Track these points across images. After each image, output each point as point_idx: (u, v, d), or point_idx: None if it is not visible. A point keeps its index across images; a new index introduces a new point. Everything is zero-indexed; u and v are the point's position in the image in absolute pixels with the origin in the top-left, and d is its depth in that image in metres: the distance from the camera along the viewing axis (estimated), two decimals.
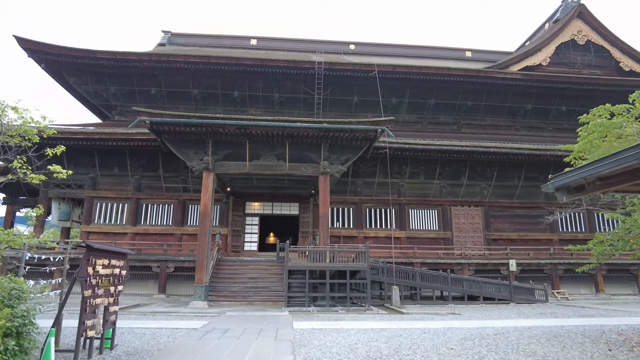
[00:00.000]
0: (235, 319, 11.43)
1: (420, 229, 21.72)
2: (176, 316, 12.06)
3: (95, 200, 20.79)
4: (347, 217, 21.51)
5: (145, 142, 18.66)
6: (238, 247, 20.57)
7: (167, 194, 20.90)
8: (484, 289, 18.01)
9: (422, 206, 21.99)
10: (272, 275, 17.24)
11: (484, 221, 22.20)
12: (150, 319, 11.28)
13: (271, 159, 16.48)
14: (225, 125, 14.58)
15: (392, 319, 12.05)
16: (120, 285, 6.86)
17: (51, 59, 21.73)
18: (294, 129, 14.73)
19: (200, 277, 15.17)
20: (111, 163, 21.05)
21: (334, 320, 11.25)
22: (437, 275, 17.96)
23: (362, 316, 12.51)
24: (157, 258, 18.30)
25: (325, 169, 16.19)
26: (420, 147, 19.22)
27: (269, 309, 14.26)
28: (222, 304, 15.43)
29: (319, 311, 13.51)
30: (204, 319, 11.48)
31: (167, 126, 14.87)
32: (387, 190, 21.73)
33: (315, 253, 15.06)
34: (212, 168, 16.00)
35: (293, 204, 21.74)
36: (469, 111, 25.50)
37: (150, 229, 20.46)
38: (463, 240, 21.76)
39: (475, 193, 22.55)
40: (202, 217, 15.82)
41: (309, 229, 20.78)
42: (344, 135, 15.20)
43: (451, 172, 22.28)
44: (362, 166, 21.56)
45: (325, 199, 16.15)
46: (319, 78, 22.03)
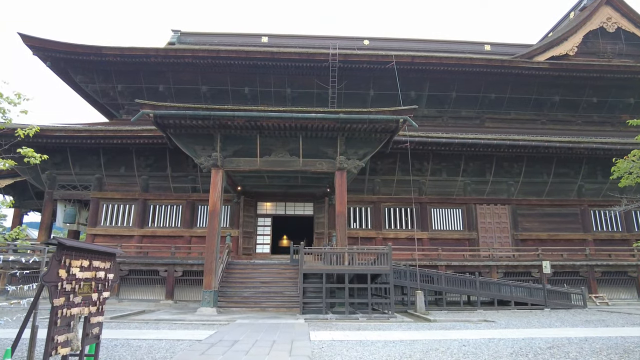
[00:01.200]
0: (246, 328, 10.29)
1: (443, 229, 20.35)
2: (181, 325, 10.97)
3: (101, 202, 19.95)
4: (364, 217, 20.27)
5: (152, 139, 17.76)
6: (250, 249, 19.48)
7: (176, 195, 19.95)
8: (515, 293, 16.56)
9: (445, 205, 20.62)
10: (286, 280, 16.08)
11: (511, 220, 20.71)
12: (151, 328, 10.21)
13: (283, 155, 15.37)
14: (233, 117, 13.53)
15: (420, 328, 10.76)
16: (105, 292, 5.77)
17: (56, 57, 21.04)
18: (308, 120, 13.60)
19: (208, 281, 14.10)
20: (117, 163, 20.22)
21: (355, 330, 10.03)
22: (464, 278, 16.60)
23: (386, 325, 11.25)
24: (164, 262, 17.31)
25: (342, 165, 15.01)
26: (444, 141, 17.90)
27: (282, 316, 13.10)
28: (232, 311, 14.32)
29: (337, 319, 12.30)
30: (211, 328, 10.37)
31: (173, 119, 13.88)
32: (406, 188, 20.46)
33: (332, 255, 13.86)
34: (221, 165, 14.96)
35: (307, 204, 20.59)
36: (492, 104, 24.06)
37: (157, 231, 19.52)
38: (489, 241, 20.31)
39: (501, 190, 21.10)
40: (211, 217, 14.77)
41: (325, 230, 19.59)
42: (362, 126, 14.01)
43: (475, 168, 20.88)
44: (379, 163, 20.33)
45: (342, 196, 14.96)
46: (334, 71, 20.89)
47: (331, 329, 10.20)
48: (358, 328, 10.39)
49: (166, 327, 10.44)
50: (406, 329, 10.38)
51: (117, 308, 15.43)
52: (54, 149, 19.40)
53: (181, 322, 11.70)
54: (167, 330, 9.81)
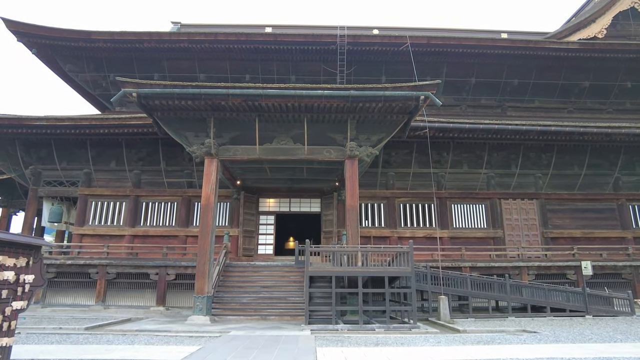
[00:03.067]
0: (239, 342, 8.46)
1: (464, 227, 18.36)
2: (162, 338, 9.17)
3: (89, 199, 18.29)
4: (377, 214, 18.36)
5: (142, 128, 16.07)
6: (250, 250, 17.67)
7: (170, 191, 18.23)
8: (551, 298, 14.53)
9: (467, 200, 18.63)
10: (290, 284, 14.24)
11: (540, 217, 18.65)
12: (124, 342, 8.42)
13: (286, 142, 13.57)
14: (228, 96, 11.76)
15: (451, 341, 8.84)
16: (20, 301, 3.97)
17: (43, 43, 19.51)
18: (314, 98, 11.78)
19: (201, 286, 12.30)
20: (107, 157, 18.58)
21: (373, 346, 8.14)
22: (492, 281, 14.62)
23: (409, 338, 9.34)
24: (154, 264, 15.56)
25: (353, 152, 13.16)
26: (467, 127, 15.95)
27: (285, 326, 11.24)
28: (228, 319, 12.50)
29: (350, 330, 10.40)
30: (197, 342, 8.56)
31: (159, 100, 12.15)
32: (424, 182, 18.53)
33: (342, 255, 11.99)
34: (215, 153, 13.19)
35: (314, 200, 18.74)
36: (515, 91, 22.06)
37: (150, 231, 17.79)
38: (516, 240, 18.27)
39: (528, 184, 19.07)
40: (204, 212, 13.00)
41: (333, 228, 17.72)
42: (376, 106, 12.15)
43: (500, 159, 18.90)
44: (394, 154, 18.45)
45: (354, 188, 13.10)
46: (342, 54, 19.09)
47: (343, 344, 8.32)
48: (376, 343, 8.50)
49: (143, 341, 8.64)
50: (435, 344, 8.46)
51: (100, 316, 13.70)
52: (38, 142, 17.87)
53: (165, 333, 9.89)
54: (142, 345, 8.00)
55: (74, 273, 15.75)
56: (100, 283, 15.41)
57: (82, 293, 15.78)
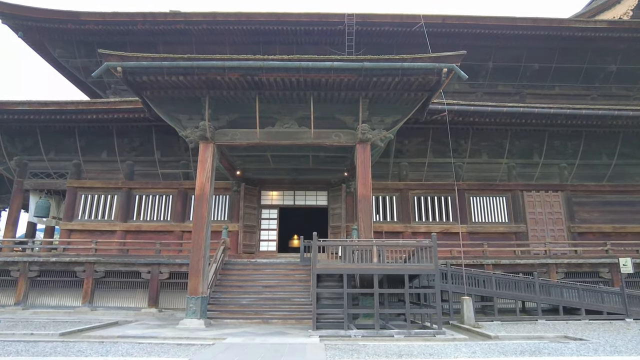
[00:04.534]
0: (235, 352, 7.07)
1: (484, 221, 16.86)
2: (146, 346, 7.78)
3: (79, 192, 16.97)
4: (389, 207, 16.90)
5: (133, 113, 14.72)
6: (252, 247, 16.28)
7: (165, 183, 16.87)
8: (586, 299, 13.04)
9: (486, 192, 17.14)
10: (295, 283, 12.84)
11: (566, 210, 17.13)
12: (98, 352, 7.04)
13: (290, 125, 12.17)
14: (224, 69, 10.38)
15: (488, 351, 7.39)
16: None
17: (30, 25, 18.22)
18: (321, 72, 10.37)
19: (194, 285, 10.93)
20: (98, 146, 17.25)
21: (396, 358, 6.70)
22: (519, 280, 13.15)
23: (437, 346, 7.90)
24: (146, 261, 14.19)
25: (365, 135, 11.73)
26: (489, 110, 14.46)
27: (290, 331, 9.84)
28: (225, 323, 11.11)
29: (364, 336, 8.98)
30: (185, 352, 7.17)
31: (147, 75, 10.80)
32: (440, 173, 17.11)
33: (354, 250, 10.56)
34: (211, 137, 11.82)
35: (320, 193, 17.33)
36: (535, 77, 20.54)
37: (143, 226, 16.45)
38: (540, 235, 16.76)
39: (553, 175, 17.55)
40: (198, 203, 11.64)
41: (342, 223, 16.31)
42: (392, 81, 10.71)
43: (522, 148, 17.40)
44: (407, 142, 17.00)
45: (366, 176, 11.68)
46: (350, 34, 17.67)
47: (359, 356, 6.90)
48: (399, 353, 7.06)
49: (121, 351, 7.26)
50: (469, 355, 7.02)
51: (85, 319, 12.35)
52: (23, 131, 16.56)
53: (150, 340, 8.51)
54: (115, 357, 6.61)
55: (58, 271, 14.43)
56: (87, 282, 14.08)
57: (68, 293, 14.46)
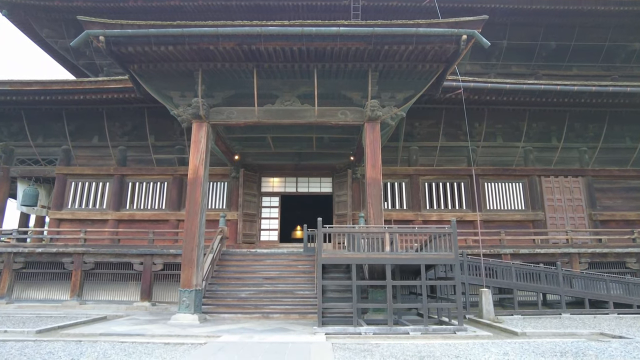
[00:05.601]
0: (229, 353, 6.10)
1: (499, 208, 15.82)
2: (129, 346, 6.82)
3: (68, 179, 16.02)
4: (398, 194, 15.87)
5: (124, 93, 13.70)
6: (252, 236, 15.30)
7: (159, 169, 15.89)
8: (615, 291, 12.02)
9: (502, 178, 16.06)
10: (298, 274, 11.88)
11: (586, 196, 16.05)
12: (72, 354, 6.09)
13: (292, 102, 11.10)
14: (217, 37, 9.30)
15: (522, 351, 6.38)
16: None
17: (14, 2, 17.14)
18: (327, 40, 9.30)
19: (187, 277, 9.97)
20: (88, 131, 16.28)
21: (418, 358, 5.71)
22: (540, 271, 12.13)
23: (461, 346, 6.90)
24: (138, 251, 13.23)
25: (375, 112, 10.65)
26: (508, 88, 13.32)
27: (293, 327, 8.88)
28: (222, 319, 10.16)
29: (377, 334, 7.99)
30: (172, 353, 6.20)
31: (133, 46, 9.73)
32: (452, 157, 16.07)
33: (362, 238, 9.53)
34: (205, 115, 10.77)
35: (324, 179, 16.31)
36: (551, 57, 19.31)
37: (137, 214, 15.50)
38: (559, 223, 15.72)
39: (572, 159, 16.45)
40: (191, 188, 10.64)
41: (347, 211, 15.30)
42: (405, 50, 9.62)
43: (540, 131, 16.31)
44: (417, 125, 15.92)
45: (376, 157, 10.62)
46: (356, 10, 16.48)
47: (373, 358, 5.91)
48: (419, 356, 6.06)
49: (97, 353, 6.29)
50: (501, 356, 6.02)
51: (72, 313, 11.45)
52: (7, 114, 15.59)
53: (135, 339, 7.55)
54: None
55: (45, 263, 13.50)
56: (75, 274, 13.15)
57: (56, 286, 13.53)
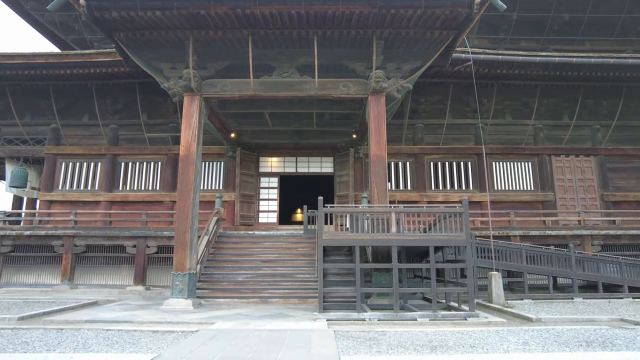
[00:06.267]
0: (221, 343, 5.54)
1: (508, 189, 15.18)
2: (115, 334, 6.27)
3: (58, 159, 15.36)
4: (402, 174, 15.22)
5: (112, 67, 12.91)
6: (250, 218, 14.72)
7: (153, 148, 15.20)
8: (630, 275, 11.48)
9: (511, 157, 15.38)
10: (298, 257, 11.32)
11: (598, 177, 15.39)
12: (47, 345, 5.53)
13: (291, 73, 10.34)
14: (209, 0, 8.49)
15: (542, 341, 5.82)
16: None
17: None
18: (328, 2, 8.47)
19: (180, 260, 9.41)
20: (77, 109, 15.55)
21: (429, 352, 5.14)
22: (553, 254, 11.56)
23: (472, 333, 6.34)
24: (131, 234, 12.67)
25: (380, 84, 9.90)
26: (520, 60, 12.51)
27: (292, 313, 8.34)
28: (217, 303, 9.64)
29: (382, 320, 7.44)
30: (159, 342, 5.65)
31: (117, 11, 8.94)
32: (459, 135, 15.38)
33: (366, 218, 8.91)
34: (197, 88, 10.03)
35: (325, 159, 15.63)
36: (563, 30, 18.35)
37: (130, 196, 14.89)
38: (570, 204, 15.10)
39: (584, 138, 15.74)
40: (184, 166, 9.99)
41: (349, 191, 14.66)
42: (413, 15, 8.80)
43: (550, 108, 15.56)
44: (423, 101, 15.17)
45: (380, 133, 9.92)
46: None
47: (380, 348, 5.35)
48: (431, 346, 5.49)
49: (77, 343, 5.74)
50: (522, 347, 5.45)
51: (61, 298, 10.94)
52: None
53: (122, 326, 7.01)
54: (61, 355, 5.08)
55: (35, 246, 12.96)
56: (66, 258, 12.62)
57: (47, 270, 13.03)
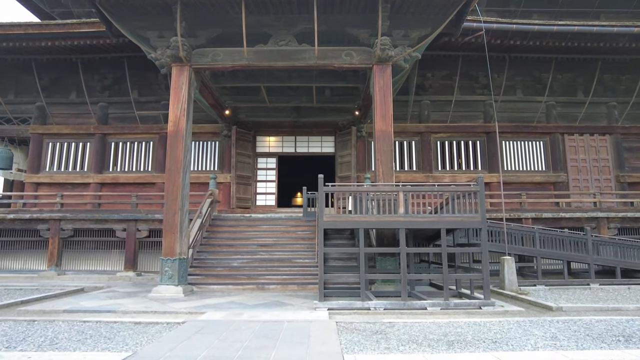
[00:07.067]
0: (207, 337, 4.87)
1: (517, 169, 14.42)
2: (91, 326, 5.62)
3: (45, 139, 14.59)
4: (407, 154, 14.45)
5: (97, 39, 11.98)
6: (246, 200, 14.01)
7: (144, 127, 14.40)
8: None
9: (521, 136, 14.57)
10: (297, 241, 10.64)
11: (614, 157, 14.61)
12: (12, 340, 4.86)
13: (288, 41, 9.48)
14: None
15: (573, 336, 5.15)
16: None
17: None
18: None
19: (170, 244, 8.71)
20: (64, 86, 14.70)
21: (446, 349, 4.47)
22: (567, 237, 10.87)
23: (490, 325, 5.67)
24: (121, 217, 11.97)
25: (386, 52, 9.05)
26: (536, 29, 11.56)
27: (290, 301, 7.68)
28: (210, 290, 8.99)
29: (388, 309, 6.78)
30: (138, 337, 4.99)
31: None
32: (467, 112, 14.56)
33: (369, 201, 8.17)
34: (186, 57, 9.20)
35: (326, 138, 14.83)
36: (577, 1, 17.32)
37: (120, 177, 14.15)
38: (583, 185, 14.36)
39: (599, 115, 14.89)
40: (172, 142, 9.22)
41: (351, 172, 13.92)
42: None
43: (565, 83, 14.68)
44: (430, 76, 14.29)
45: (386, 106, 9.12)
46: None
47: (389, 344, 4.67)
48: (447, 341, 4.81)
49: (44, 338, 5.08)
50: (552, 344, 4.78)
51: (47, 285, 10.31)
52: None
53: (101, 317, 6.35)
54: (21, 354, 4.41)
55: (19, 230, 12.29)
56: (52, 242, 11.95)
57: (33, 256, 12.39)
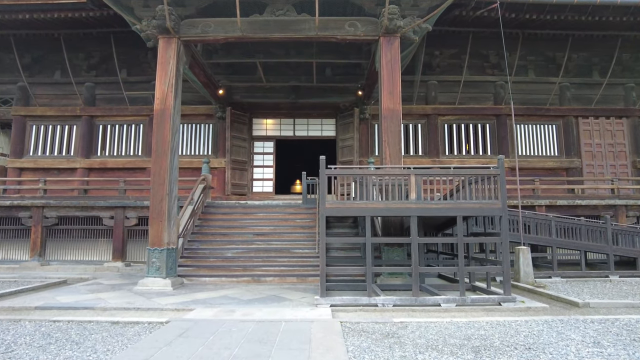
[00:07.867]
0: (192, 341, 4.15)
1: (529, 154, 13.64)
2: (60, 327, 4.90)
3: (28, 122, 13.74)
4: (413, 137, 13.65)
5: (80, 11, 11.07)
6: (242, 187, 13.24)
7: (133, 108, 13.53)
8: None
9: (533, 119, 13.74)
10: (296, 230, 9.91)
11: (631, 141, 13.83)
12: None
13: (286, 10, 8.61)
14: None
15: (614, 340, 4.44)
16: None
17: None
18: None
19: (157, 233, 7.95)
20: (48, 64, 13.81)
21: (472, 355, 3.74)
22: (585, 226, 10.14)
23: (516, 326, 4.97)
24: (108, 204, 11.19)
25: (393, 22, 8.20)
26: (554, 2, 10.69)
27: (288, 296, 6.97)
28: (202, 283, 8.27)
29: (398, 305, 6.07)
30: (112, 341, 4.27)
31: None
32: (476, 94, 13.74)
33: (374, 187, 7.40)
34: (174, 28, 8.32)
35: (327, 121, 14.01)
36: None
37: (109, 162, 13.35)
38: (598, 172, 13.61)
39: (616, 97, 14.06)
40: (159, 122, 8.37)
41: (354, 157, 13.14)
42: None
43: (579, 64, 13.83)
44: (438, 55, 13.42)
45: (394, 82, 8.30)
46: None
47: (404, 350, 3.94)
48: (471, 346, 4.09)
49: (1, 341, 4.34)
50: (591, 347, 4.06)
51: (29, 276, 9.60)
52: None
53: (74, 316, 5.63)
54: None
55: (0, 218, 11.54)
56: (35, 231, 11.20)
57: (15, 245, 11.64)
